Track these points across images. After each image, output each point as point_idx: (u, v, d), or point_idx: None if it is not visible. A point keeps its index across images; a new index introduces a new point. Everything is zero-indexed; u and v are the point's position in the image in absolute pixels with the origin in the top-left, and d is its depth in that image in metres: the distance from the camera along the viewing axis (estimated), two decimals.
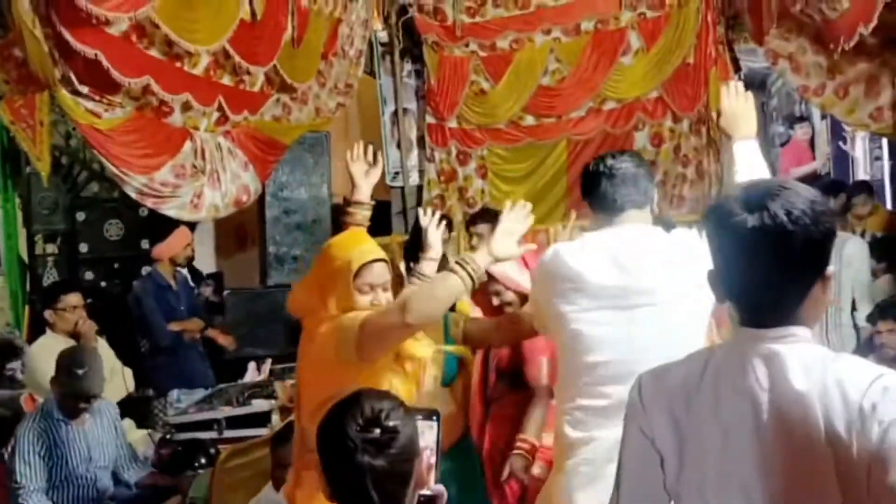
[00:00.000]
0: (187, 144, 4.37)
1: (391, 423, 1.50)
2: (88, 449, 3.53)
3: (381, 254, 2.35)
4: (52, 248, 6.08)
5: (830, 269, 1.33)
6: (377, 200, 2.85)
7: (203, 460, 3.76)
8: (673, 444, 1.37)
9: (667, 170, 6.12)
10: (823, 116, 6.98)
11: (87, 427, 3.53)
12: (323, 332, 2.26)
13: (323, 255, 2.40)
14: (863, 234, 4.93)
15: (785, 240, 1.28)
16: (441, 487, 1.66)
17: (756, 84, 8.13)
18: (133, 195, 4.18)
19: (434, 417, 1.71)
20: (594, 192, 2.28)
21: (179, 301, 5.02)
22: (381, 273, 2.31)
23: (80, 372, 3.39)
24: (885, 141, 5.74)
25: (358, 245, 2.35)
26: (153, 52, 4.03)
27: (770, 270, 1.30)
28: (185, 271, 5.33)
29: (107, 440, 3.60)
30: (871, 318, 4.09)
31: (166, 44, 4.04)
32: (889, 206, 5.67)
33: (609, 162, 2.29)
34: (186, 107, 4.32)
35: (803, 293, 1.32)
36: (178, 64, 4.19)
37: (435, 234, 2.55)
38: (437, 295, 2.20)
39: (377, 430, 1.49)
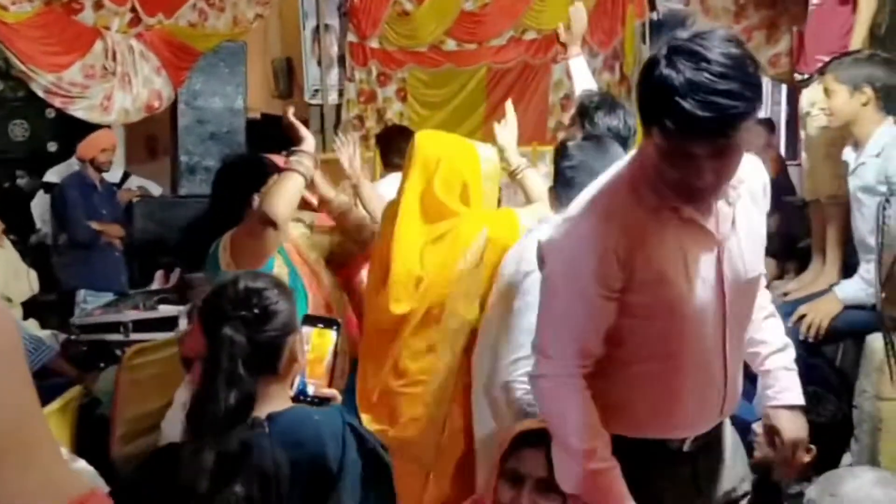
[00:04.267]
0: (98, 44, 4.29)
1: (263, 302, 1.61)
2: None
3: None
4: None
5: None
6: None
7: (108, 362, 3.81)
8: None
9: None
10: None
11: None
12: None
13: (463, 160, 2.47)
14: None
15: None
16: (334, 392, 1.79)
17: (676, 25, 8.32)
18: (40, 93, 4.09)
19: (334, 326, 1.82)
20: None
21: (102, 203, 5.00)
22: None
23: None
24: (783, 87, 6.04)
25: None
26: None
27: None
28: (108, 178, 5.29)
29: None
30: None
31: None
32: (783, 149, 5.99)
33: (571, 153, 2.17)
34: (98, 5, 4.22)
35: None
36: None
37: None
38: None
39: (253, 308, 1.60)
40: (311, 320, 1.81)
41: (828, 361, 2.98)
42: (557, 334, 1.64)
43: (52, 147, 6.01)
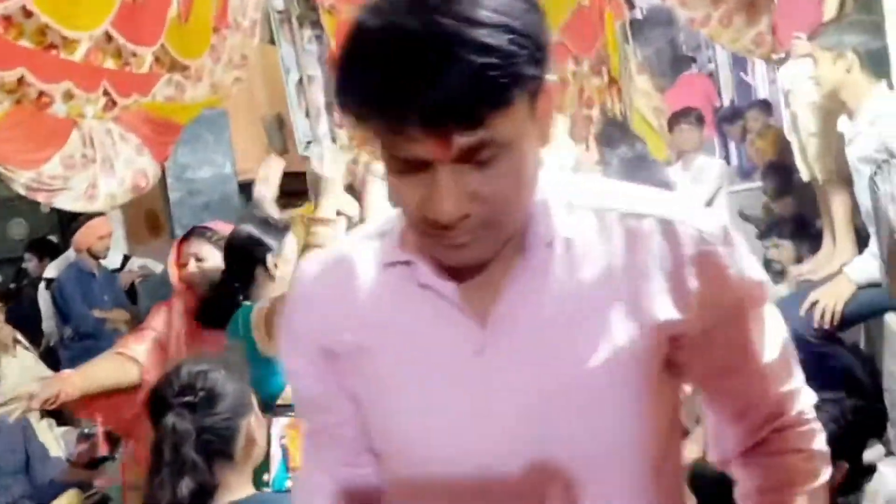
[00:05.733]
0: (74, 134, 4.26)
1: (208, 385, 1.53)
2: None
3: None
4: None
5: None
6: (292, 172, 2.88)
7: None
8: None
9: (573, 113, 6.17)
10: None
11: None
12: None
13: None
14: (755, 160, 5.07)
15: None
16: None
17: (661, 21, 8.22)
18: (22, 191, 4.07)
19: None
20: None
21: (103, 290, 5.03)
22: None
23: None
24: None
25: None
26: (24, 43, 3.91)
27: None
28: (107, 263, 5.35)
29: (11, 449, 3.48)
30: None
31: (39, 33, 3.91)
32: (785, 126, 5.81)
33: None
34: (68, 96, 4.19)
35: None
36: (53, 52, 4.08)
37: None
38: None
39: (198, 393, 1.52)
40: (282, 409, 1.75)
41: (850, 348, 2.81)
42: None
43: (54, 239, 6.06)
